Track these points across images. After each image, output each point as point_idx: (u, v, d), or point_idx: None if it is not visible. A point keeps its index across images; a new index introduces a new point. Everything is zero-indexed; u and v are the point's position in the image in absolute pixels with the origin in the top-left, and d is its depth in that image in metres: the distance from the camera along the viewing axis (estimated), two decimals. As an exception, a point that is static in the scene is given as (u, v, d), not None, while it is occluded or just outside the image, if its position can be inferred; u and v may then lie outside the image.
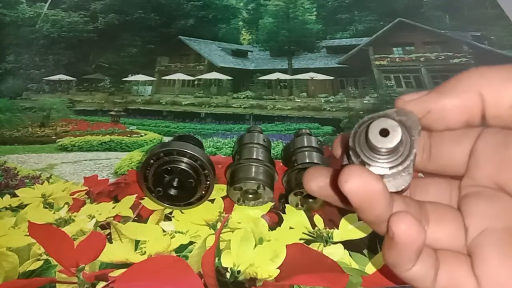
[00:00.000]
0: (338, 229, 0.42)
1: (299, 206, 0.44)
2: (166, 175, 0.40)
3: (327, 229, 0.42)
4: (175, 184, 0.41)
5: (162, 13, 0.79)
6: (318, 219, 0.43)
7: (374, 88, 0.66)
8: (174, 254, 0.40)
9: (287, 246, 0.40)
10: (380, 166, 0.23)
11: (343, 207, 0.27)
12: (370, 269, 0.38)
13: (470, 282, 0.23)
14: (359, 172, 0.22)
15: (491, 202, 0.24)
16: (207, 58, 0.73)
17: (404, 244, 0.22)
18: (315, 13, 0.80)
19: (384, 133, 0.22)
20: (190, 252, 0.40)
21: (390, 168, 0.23)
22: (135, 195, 0.46)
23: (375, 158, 0.23)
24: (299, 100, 0.67)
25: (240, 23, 0.81)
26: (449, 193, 0.27)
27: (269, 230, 0.42)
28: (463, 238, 0.25)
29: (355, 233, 0.42)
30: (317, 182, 0.27)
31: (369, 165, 0.23)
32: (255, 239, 0.41)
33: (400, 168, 0.23)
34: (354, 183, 0.21)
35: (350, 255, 0.40)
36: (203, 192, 0.42)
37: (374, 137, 0.22)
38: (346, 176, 0.22)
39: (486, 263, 0.23)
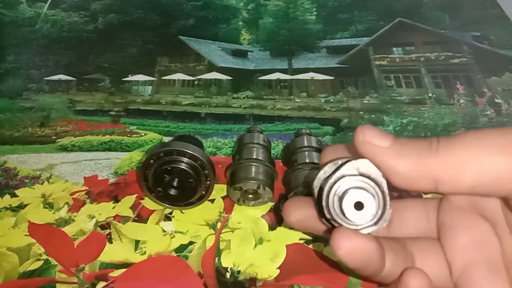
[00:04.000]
0: (338, 229, 0.42)
1: (299, 206, 0.44)
2: (166, 175, 0.40)
3: (327, 229, 0.42)
4: (175, 184, 0.41)
5: (162, 13, 0.79)
6: (318, 219, 0.43)
7: (374, 88, 0.66)
8: (174, 254, 0.40)
9: (287, 246, 0.40)
10: (365, 227, 0.23)
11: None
12: (370, 269, 0.38)
13: None
14: (350, 236, 0.22)
15: (469, 232, 0.25)
16: (207, 58, 0.73)
17: None
18: (315, 13, 0.80)
19: (359, 206, 0.22)
20: (190, 252, 0.40)
21: (375, 223, 0.23)
22: (135, 195, 0.46)
23: (358, 224, 0.23)
24: (299, 100, 0.67)
25: (240, 23, 0.81)
26: (426, 215, 0.27)
27: (269, 230, 0.42)
28: (447, 273, 0.25)
29: (355, 233, 0.42)
30: (296, 215, 0.27)
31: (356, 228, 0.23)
32: (255, 239, 0.41)
33: (382, 216, 0.23)
34: (348, 249, 0.22)
35: (350, 255, 0.40)
36: (203, 192, 0.42)
37: (351, 214, 0.22)
38: (338, 243, 0.22)
39: None
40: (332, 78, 0.70)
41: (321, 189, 0.23)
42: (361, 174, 0.23)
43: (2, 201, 0.46)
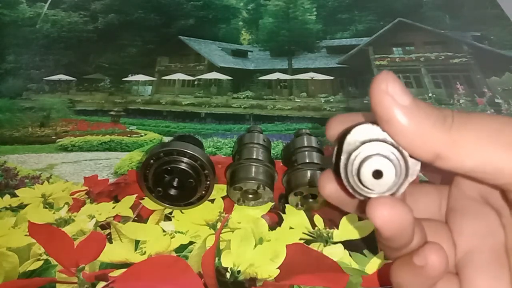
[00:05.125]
0: (338, 229, 0.42)
1: (299, 206, 0.44)
2: (166, 175, 0.40)
3: (327, 229, 0.42)
4: (175, 184, 0.41)
5: (162, 13, 0.79)
6: (318, 219, 0.43)
7: (374, 88, 0.66)
8: (174, 254, 0.40)
9: (287, 246, 0.40)
10: (395, 189, 0.22)
11: (357, 214, 0.27)
12: (370, 269, 0.38)
13: None
14: (389, 205, 0.21)
15: (477, 220, 0.25)
16: (207, 58, 0.73)
17: (433, 274, 0.22)
18: (315, 13, 0.80)
19: (378, 175, 0.21)
20: (190, 252, 0.40)
21: (400, 186, 0.22)
22: (135, 195, 0.46)
23: (384, 191, 0.22)
24: (299, 100, 0.67)
25: (240, 23, 0.81)
26: (439, 203, 0.28)
27: (269, 230, 0.42)
28: (453, 257, 0.25)
29: (355, 233, 0.42)
30: (330, 188, 0.25)
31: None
32: (255, 239, 0.41)
33: (407, 178, 0.22)
34: (385, 217, 0.21)
35: (350, 255, 0.40)
36: (203, 192, 0.42)
37: (370, 183, 0.21)
38: (375, 211, 0.21)
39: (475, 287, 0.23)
40: (332, 78, 0.70)
41: (336, 170, 0.23)
42: (364, 142, 0.21)
43: (2, 201, 0.46)
